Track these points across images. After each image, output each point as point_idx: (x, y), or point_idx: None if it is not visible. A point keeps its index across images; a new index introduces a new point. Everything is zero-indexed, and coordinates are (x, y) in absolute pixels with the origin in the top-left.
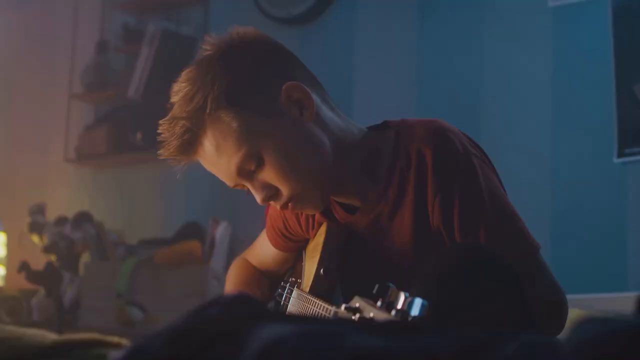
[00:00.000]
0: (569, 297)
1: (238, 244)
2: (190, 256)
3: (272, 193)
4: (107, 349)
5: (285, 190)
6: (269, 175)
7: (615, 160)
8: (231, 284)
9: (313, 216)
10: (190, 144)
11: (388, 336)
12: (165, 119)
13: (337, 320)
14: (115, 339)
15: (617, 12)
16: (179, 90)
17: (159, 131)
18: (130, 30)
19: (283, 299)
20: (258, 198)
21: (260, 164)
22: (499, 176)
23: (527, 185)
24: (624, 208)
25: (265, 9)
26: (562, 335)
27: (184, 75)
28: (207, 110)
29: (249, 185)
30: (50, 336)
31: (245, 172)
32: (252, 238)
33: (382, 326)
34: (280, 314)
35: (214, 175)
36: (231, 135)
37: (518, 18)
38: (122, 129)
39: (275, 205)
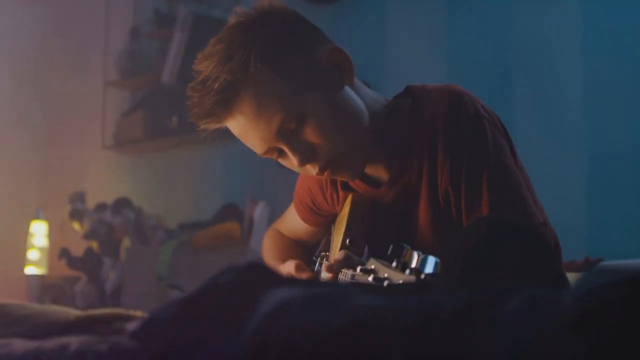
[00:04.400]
0: (607, 263)
1: None
2: (229, 238)
3: (310, 154)
4: (129, 323)
5: (326, 150)
6: (311, 134)
7: None
8: (267, 254)
9: (337, 192)
10: (228, 101)
11: (393, 297)
12: (197, 81)
13: (344, 284)
14: (137, 313)
15: None
16: (212, 53)
17: (188, 94)
18: (161, 15)
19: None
20: (296, 159)
21: (301, 123)
22: (513, 146)
23: (560, 154)
24: None
25: None
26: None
27: (215, 40)
28: (251, 67)
29: (286, 147)
30: (73, 312)
31: (285, 131)
32: None
33: (390, 289)
34: (290, 280)
35: (249, 156)
36: (275, 92)
37: None
38: (158, 114)
39: (312, 170)
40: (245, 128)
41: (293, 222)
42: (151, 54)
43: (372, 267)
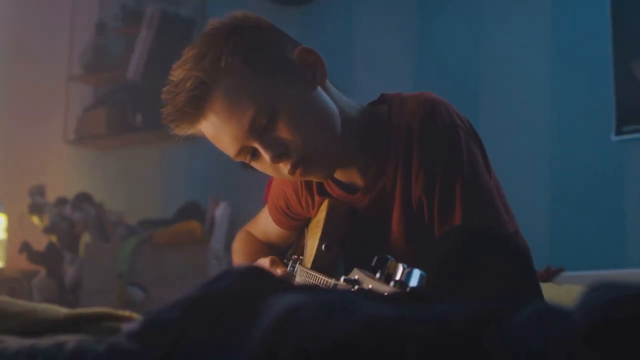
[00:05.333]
0: (568, 274)
1: (237, 224)
2: (190, 236)
3: (282, 150)
4: (118, 323)
5: (298, 146)
6: (282, 129)
7: (613, 138)
8: (238, 256)
9: (313, 196)
10: (200, 99)
11: (398, 306)
12: (170, 84)
13: (350, 291)
14: (126, 313)
15: None
16: (185, 59)
17: (162, 97)
18: (128, 11)
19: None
20: (268, 156)
21: (273, 119)
22: (485, 153)
23: (525, 164)
24: (622, 186)
25: None
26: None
27: (189, 48)
28: (222, 63)
29: (258, 144)
30: (62, 310)
31: (257, 127)
32: (251, 218)
33: (391, 297)
34: (293, 285)
35: (212, 156)
36: (247, 88)
37: None
38: (122, 110)
39: (284, 169)
40: (217, 128)
41: (265, 224)
42: (117, 50)
43: (356, 277)
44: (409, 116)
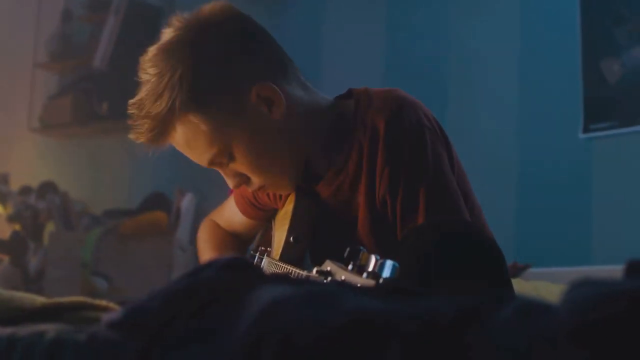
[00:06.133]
0: (535, 270)
1: (203, 215)
2: (156, 227)
3: (243, 180)
4: (96, 312)
5: (256, 180)
6: (240, 167)
7: (581, 135)
8: (203, 246)
9: None
10: (159, 135)
11: (382, 299)
12: (135, 101)
13: (334, 283)
14: (103, 303)
15: None
16: (147, 80)
17: (129, 112)
18: None
19: None
20: (230, 184)
21: (231, 159)
22: (453, 153)
23: (492, 160)
24: (589, 183)
25: None
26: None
27: (152, 59)
28: (176, 114)
29: (221, 172)
30: (39, 299)
31: (216, 164)
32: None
33: (374, 289)
34: (277, 277)
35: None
36: (201, 136)
37: None
38: (87, 98)
39: (247, 188)
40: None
41: (231, 214)
42: (83, 37)
43: (329, 268)
44: (375, 113)
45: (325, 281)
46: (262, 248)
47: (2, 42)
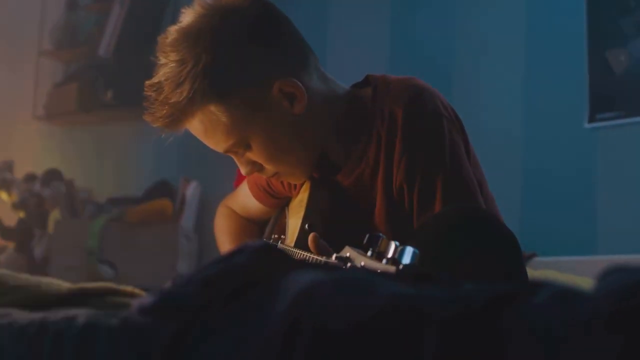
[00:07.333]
0: (540, 259)
1: (208, 204)
2: (161, 215)
3: (257, 168)
4: (121, 298)
5: (271, 169)
6: (256, 156)
7: (586, 125)
8: (221, 233)
9: None
10: (176, 122)
11: (413, 284)
12: (153, 83)
13: (368, 270)
14: (128, 288)
15: None
16: (166, 63)
17: (145, 93)
18: None
19: None
20: (243, 171)
21: (247, 148)
22: (469, 143)
23: (498, 149)
24: (594, 173)
25: None
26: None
27: (173, 44)
28: (196, 104)
29: (235, 159)
30: (64, 284)
31: (232, 152)
32: (221, 197)
33: (396, 275)
34: (307, 263)
35: (185, 134)
36: (220, 126)
37: None
38: (92, 87)
39: (261, 175)
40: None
41: (245, 200)
42: (88, 26)
43: (348, 254)
44: (392, 102)
45: (344, 267)
46: (275, 236)
47: (8, 30)
